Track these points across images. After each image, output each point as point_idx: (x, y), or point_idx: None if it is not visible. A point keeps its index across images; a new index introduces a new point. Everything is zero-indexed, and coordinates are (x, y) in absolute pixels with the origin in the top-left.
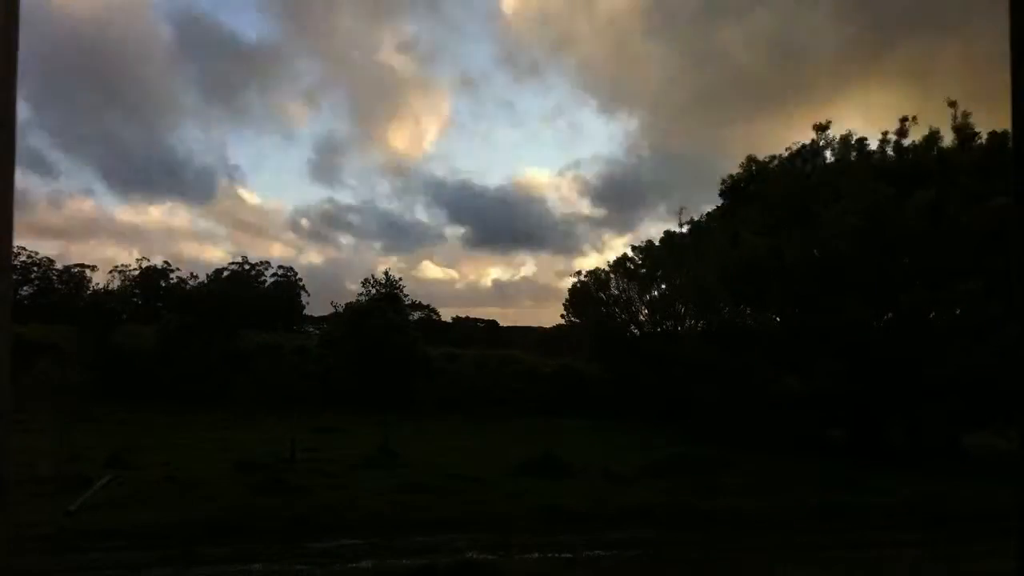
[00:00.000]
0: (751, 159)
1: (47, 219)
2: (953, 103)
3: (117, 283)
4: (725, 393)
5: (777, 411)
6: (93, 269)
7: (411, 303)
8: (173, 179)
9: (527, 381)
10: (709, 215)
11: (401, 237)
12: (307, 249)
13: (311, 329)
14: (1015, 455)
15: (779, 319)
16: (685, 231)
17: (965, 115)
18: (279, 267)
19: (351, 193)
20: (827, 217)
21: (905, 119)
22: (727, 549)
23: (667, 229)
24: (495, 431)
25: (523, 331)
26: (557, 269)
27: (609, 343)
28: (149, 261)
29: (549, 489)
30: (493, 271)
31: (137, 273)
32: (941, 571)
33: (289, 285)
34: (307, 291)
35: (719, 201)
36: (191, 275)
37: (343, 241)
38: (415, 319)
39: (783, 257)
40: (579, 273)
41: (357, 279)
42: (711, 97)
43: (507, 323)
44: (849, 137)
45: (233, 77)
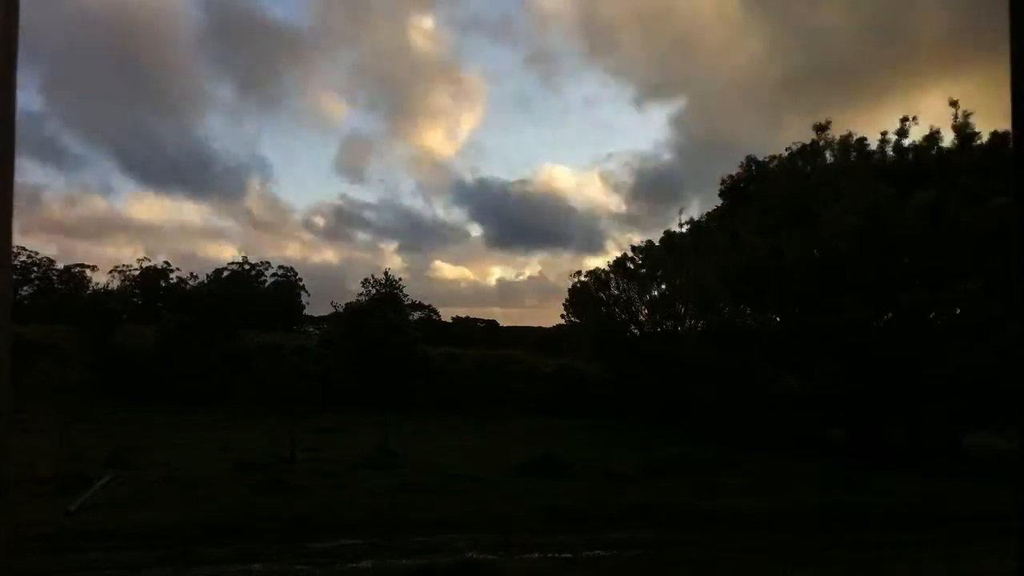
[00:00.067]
0: (751, 159)
1: (58, 214)
2: (954, 103)
3: (117, 283)
4: (725, 393)
5: (777, 411)
6: (93, 269)
7: (411, 303)
8: (190, 174)
9: (527, 381)
10: (709, 215)
11: (422, 235)
12: (322, 247)
13: (311, 329)
14: (1015, 455)
15: (779, 319)
16: (685, 231)
17: (966, 115)
18: (279, 267)
19: (371, 190)
20: (827, 217)
21: (905, 119)
22: (727, 549)
23: (667, 229)
24: (495, 431)
25: (523, 331)
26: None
27: (609, 343)
28: (149, 261)
29: (549, 489)
30: (528, 269)
31: (137, 273)
32: (941, 571)
33: (289, 285)
34: (307, 291)
35: (720, 201)
36: (191, 275)
37: (363, 238)
38: (415, 319)
39: (783, 257)
40: (579, 273)
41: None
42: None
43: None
44: (849, 137)
45: (259, 68)
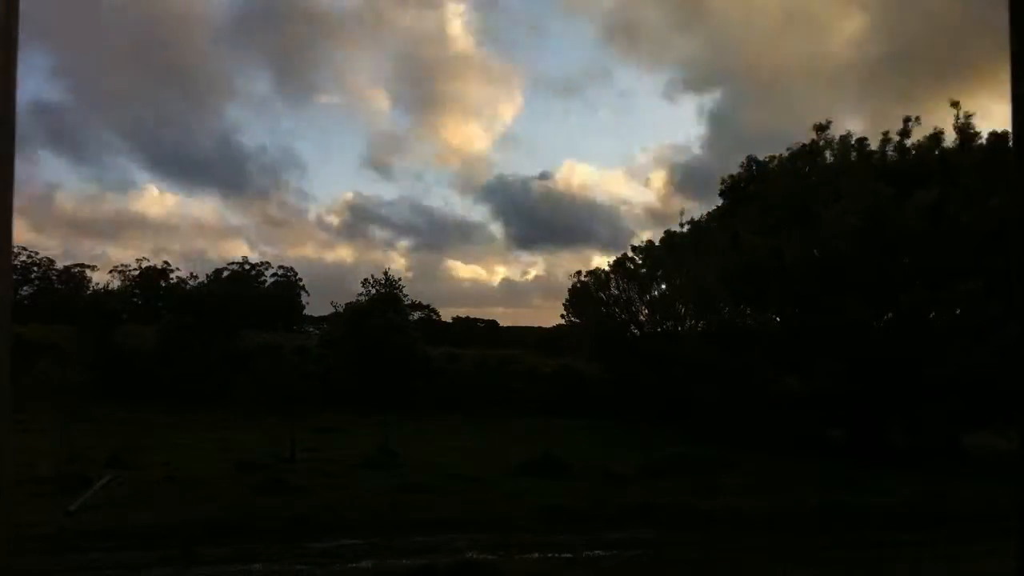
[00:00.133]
0: (751, 159)
1: (69, 210)
2: (956, 103)
3: (117, 283)
4: (725, 393)
5: (777, 411)
6: (93, 269)
7: (411, 303)
8: (206, 169)
9: (527, 381)
10: (709, 215)
11: (446, 233)
12: (338, 245)
13: (311, 329)
14: (1015, 455)
15: (779, 319)
16: (685, 231)
17: (967, 115)
18: (280, 267)
19: (392, 186)
20: (827, 217)
21: (908, 119)
22: (727, 549)
23: (667, 228)
24: (495, 431)
25: (523, 331)
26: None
27: (609, 343)
28: (149, 260)
29: (549, 489)
30: (560, 268)
31: (137, 273)
32: (941, 571)
33: (289, 285)
34: (307, 291)
35: (720, 201)
36: (191, 275)
37: (380, 235)
38: (415, 319)
39: (783, 257)
40: (579, 273)
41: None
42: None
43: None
44: (849, 137)
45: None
